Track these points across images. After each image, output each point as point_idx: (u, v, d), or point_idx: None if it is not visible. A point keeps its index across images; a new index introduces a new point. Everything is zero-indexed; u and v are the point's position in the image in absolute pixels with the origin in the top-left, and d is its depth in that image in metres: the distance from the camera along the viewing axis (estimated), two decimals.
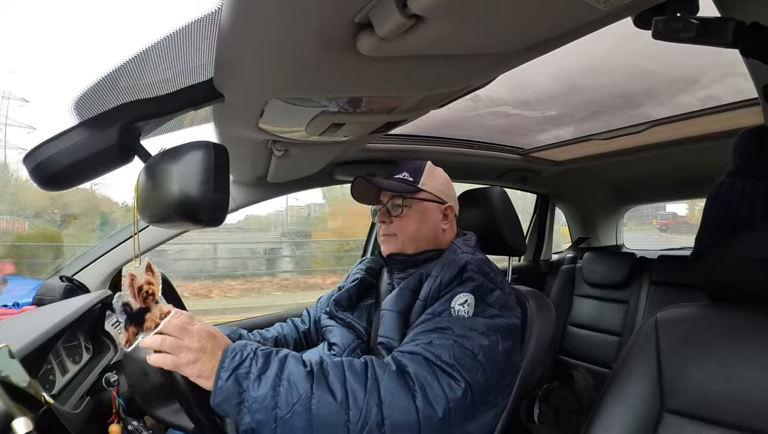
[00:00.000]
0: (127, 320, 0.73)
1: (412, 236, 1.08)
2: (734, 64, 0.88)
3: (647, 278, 2.23)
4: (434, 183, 1.13)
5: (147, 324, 0.73)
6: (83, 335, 1.03)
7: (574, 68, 1.12)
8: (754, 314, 0.66)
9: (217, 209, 0.51)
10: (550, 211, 2.65)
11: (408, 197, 1.09)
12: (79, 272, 1.31)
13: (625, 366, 0.73)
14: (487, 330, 0.86)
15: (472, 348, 0.83)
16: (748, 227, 0.65)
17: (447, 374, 0.79)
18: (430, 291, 0.95)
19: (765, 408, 0.59)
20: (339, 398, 0.73)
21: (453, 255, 1.01)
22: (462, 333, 0.84)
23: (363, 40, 0.50)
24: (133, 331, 0.73)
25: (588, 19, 0.52)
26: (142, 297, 0.74)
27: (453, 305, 0.89)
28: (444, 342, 0.82)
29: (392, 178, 1.12)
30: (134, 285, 0.73)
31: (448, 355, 0.80)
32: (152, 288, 0.75)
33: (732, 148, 0.71)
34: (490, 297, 0.92)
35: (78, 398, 0.89)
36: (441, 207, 1.12)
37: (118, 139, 0.65)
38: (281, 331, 1.27)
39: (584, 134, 1.70)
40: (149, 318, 0.74)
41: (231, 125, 0.89)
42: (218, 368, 0.72)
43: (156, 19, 2.78)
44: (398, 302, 1.00)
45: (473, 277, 0.93)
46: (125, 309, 0.73)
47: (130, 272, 0.74)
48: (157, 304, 0.75)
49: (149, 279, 0.75)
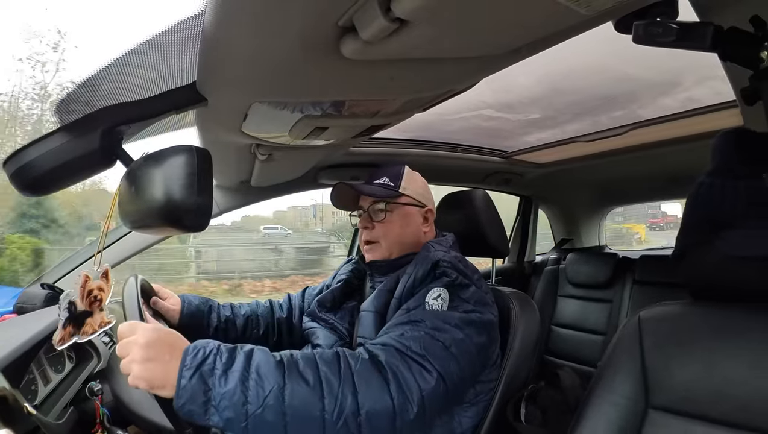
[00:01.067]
0: (67, 319, 0.71)
1: (396, 240, 1.09)
2: (713, 67, 0.90)
3: (630, 278, 2.27)
4: (414, 186, 1.13)
5: (85, 328, 0.72)
6: None
7: (557, 71, 1.13)
8: (736, 311, 0.68)
9: (200, 214, 0.50)
10: (533, 213, 2.68)
11: (390, 202, 1.09)
12: (61, 279, 1.29)
13: (610, 365, 0.74)
14: (460, 324, 0.86)
15: (444, 340, 0.82)
16: (728, 226, 0.67)
17: (418, 364, 0.77)
18: (405, 288, 0.96)
19: (750, 402, 0.61)
20: (312, 385, 0.69)
21: (426, 253, 1.02)
22: (434, 325, 0.84)
23: (347, 44, 0.50)
24: (70, 331, 0.71)
25: (570, 23, 0.53)
26: (89, 301, 0.73)
27: (427, 299, 0.89)
28: (415, 334, 0.82)
29: (372, 182, 1.12)
30: (86, 286, 0.72)
31: (418, 346, 0.79)
32: (101, 295, 0.74)
33: (711, 148, 0.72)
34: (465, 292, 0.92)
35: (61, 408, 0.87)
36: (422, 210, 1.13)
37: (100, 143, 0.64)
38: (255, 310, 1.25)
39: (567, 136, 1.72)
40: (89, 323, 0.73)
41: (214, 129, 0.88)
42: (180, 367, 0.66)
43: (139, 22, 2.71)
44: (376, 303, 1.00)
45: (447, 273, 0.93)
46: (69, 308, 0.71)
47: (85, 272, 0.73)
48: (101, 312, 0.74)
49: (101, 286, 0.74)
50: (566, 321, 2.43)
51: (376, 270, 1.12)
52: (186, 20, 0.55)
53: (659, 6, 0.59)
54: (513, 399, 0.99)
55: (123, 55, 0.62)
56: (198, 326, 1.12)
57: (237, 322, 1.19)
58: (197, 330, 1.11)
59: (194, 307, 1.13)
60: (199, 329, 1.12)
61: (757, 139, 0.69)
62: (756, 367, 0.61)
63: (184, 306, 1.12)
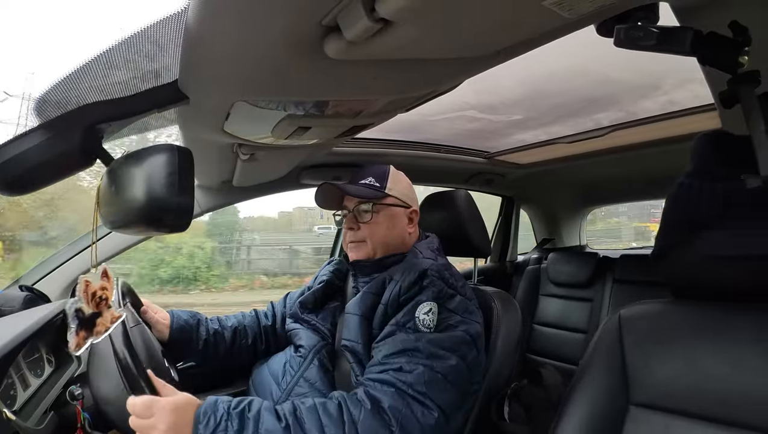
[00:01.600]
0: (78, 325, 0.72)
1: (382, 241, 1.09)
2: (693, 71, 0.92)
3: (610, 277, 2.30)
4: (399, 187, 1.13)
5: (98, 328, 0.73)
6: (45, 347, 0.99)
7: (539, 73, 1.14)
8: (715, 310, 0.69)
9: (181, 214, 0.50)
10: (515, 213, 2.71)
11: (376, 203, 1.09)
12: (40, 281, 1.26)
13: (591, 363, 0.75)
14: (453, 346, 0.88)
15: (442, 370, 0.85)
16: (706, 226, 0.68)
17: (420, 403, 0.81)
18: (391, 295, 0.96)
19: (729, 397, 0.62)
20: None
21: (414, 259, 1.03)
22: (430, 354, 0.85)
23: (330, 43, 0.50)
24: (84, 336, 0.72)
25: (553, 26, 0.53)
26: (95, 303, 0.73)
27: (417, 315, 0.91)
28: (413, 368, 0.84)
29: (358, 182, 1.12)
30: (88, 290, 0.72)
31: (419, 383, 0.82)
32: (106, 294, 0.74)
33: (691, 150, 0.74)
34: (451, 302, 0.94)
35: (41, 413, 0.85)
36: (407, 211, 1.13)
37: (80, 141, 0.63)
38: (242, 321, 1.25)
39: (549, 138, 1.74)
40: (100, 322, 0.73)
41: (196, 128, 0.87)
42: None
43: (120, 18, 2.67)
44: (361, 306, 1.00)
45: (434, 283, 0.95)
46: (77, 315, 0.72)
47: (85, 278, 0.73)
48: (109, 309, 0.75)
49: (104, 285, 0.75)
50: (548, 320, 2.46)
51: (360, 271, 1.12)
52: (169, 17, 0.54)
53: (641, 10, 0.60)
54: (496, 398, 1.00)
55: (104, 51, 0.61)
56: (188, 340, 1.13)
57: (225, 335, 1.19)
58: (187, 345, 1.12)
59: (183, 322, 1.13)
60: (188, 343, 1.13)
61: (734, 142, 0.70)
62: (735, 364, 0.63)
63: (173, 320, 1.12)
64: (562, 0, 0.45)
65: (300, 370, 1.04)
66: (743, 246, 0.65)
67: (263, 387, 1.08)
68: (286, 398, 1.00)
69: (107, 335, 0.74)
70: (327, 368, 1.04)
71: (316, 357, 1.05)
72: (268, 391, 1.05)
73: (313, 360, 1.05)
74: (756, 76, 0.59)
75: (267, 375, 1.10)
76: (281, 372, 1.06)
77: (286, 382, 1.03)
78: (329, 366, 1.05)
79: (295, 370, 1.04)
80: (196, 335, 1.14)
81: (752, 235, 0.65)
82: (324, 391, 0.99)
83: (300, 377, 1.03)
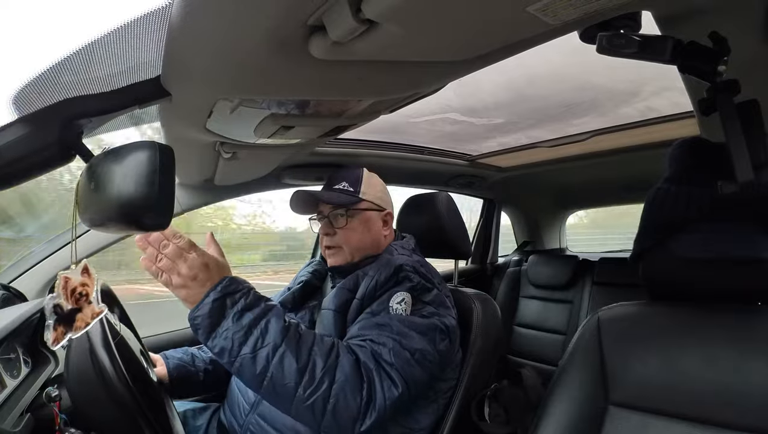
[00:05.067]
0: (56, 320, 0.70)
1: (358, 246, 1.09)
2: (672, 78, 0.94)
3: (589, 279, 2.35)
4: (373, 191, 1.14)
5: (77, 324, 0.71)
6: (21, 347, 0.96)
7: (522, 78, 1.15)
8: (692, 310, 0.71)
9: (161, 212, 0.49)
10: (496, 216, 2.73)
11: (350, 208, 1.09)
12: (16, 279, 1.22)
13: (571, 363, 0.77)
14: (424, 330, 0.89)
15: (410, 348, 0.86)
16: (683, 230, 0.70)
17: (387, 374, 0.82)
18: (367, 290, 0.97)
19: (703, 396, 0.64)
20: (301, 358, 0.77)
21: (389, 256, 1.04)
22: (400, 331, 0.87)
23: (315, 43, 0.50)
24: (62, 331, 0.71)
25: (537, 32, 0.54)
26: (75, 299, 0.72)
27: (391, 304, 0.92)
28: (384, 340, 0.86)
29: (332, 188, 1.12)
30: (68, 286, 0.71)
31: (388, 354, 0.84)
32: (86, 289, 0.73)
33: (669, 156, 0.76)
34: (427, 295, 0.95)
35: (17, 415, 0.83)
36: (381, 214, 1.14)
37: (59, 136, 0.62)
38: None
39: (530, 141, 1.76)
40: (80, 318, 0.72)
41: (178, 125, 0.86)
42: (210, 287, 0.77)
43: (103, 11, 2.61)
44: (335, 301, 1.01)
45: (409, 277, 0.96)
46: (56, 310, 0.70)
47: (64, 274, 0.71)
48: (89, 304, 0.73)
49: (84, 281, 0.73)
50: (528, 322, 2.49)
51: (338, 274, 1.13)
52: (153, 12, 0.54)
53: (623, 19, 0.61)
54: (476, 398, 1.01)
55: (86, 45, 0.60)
56: (187, 376, 1.12)
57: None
58: (188, 380, 1.11)
59: (177, 360, 1.12)
60: (189, 379, 1.12)
61: (711, 148, 0.72)
62: (709, 364, 0.65)
63: (168, 362, 1.11)
64: (546, 6, 0.46)
65: None
66: (717, 249, 0.67)
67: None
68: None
69: (86, 331, 0.73)
70: None
71: None
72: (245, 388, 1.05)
73: None
74: (734, 85, 0.60)
75: None
76: None
77: None
78: None
79: None
80: (194, 368, 1.13)
81: (716, 240, 0.67)
82: None
83: None
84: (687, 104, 1.01)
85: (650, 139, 1.58)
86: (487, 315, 1.09)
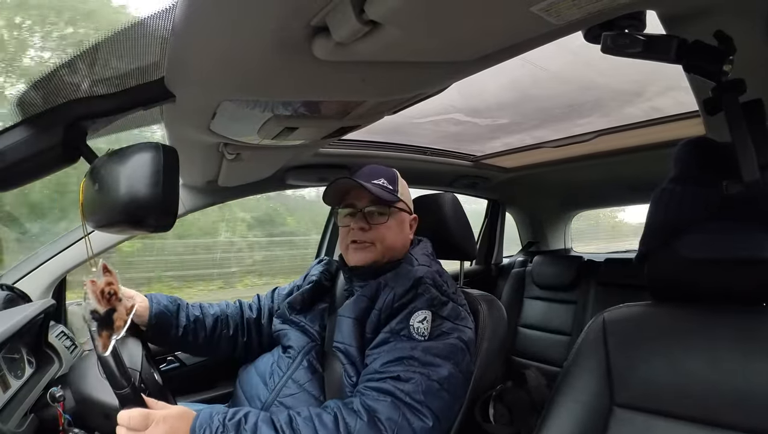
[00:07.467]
0: (98, 326, 0.71)
1: (391, 245, 1.06)
2: (677, 78, 0.93)
3: (594, 280, 2.33)
4: (406, 193, 1.13)
5: (117, 324, 0.73)
6: (25, 348, 0.97)
7: (526, 78, 1.14)
8: (696, 311, 0.71)
9: (165, 213, 0.49)
10: (501, 216, 2.72)
11: (393, 205, 1.07)
12: (21, 280, 1.23)
13: (575, 364, 0.76)
14: (447, 354, 0.89)
15: (438, 378, 0.85)
16: (688, 230, 0.69)
17: (416, 411, 0.81)
18: (385, 302, 0.96)
19: (708, 397, 0.64)
20: None
21: (409, 266, 1.03)
22: (425, 362, 0.86)
23: (319, 44, 0.50)
24: (107, 335, 0.71)
25: (540, 32, 0.54)
26: (106, 299, 0.73)
27: (412, 323, 0.91)
28: (411, 377, 0.84)
29: (371, 182, 1.08)
30: (96, 290, 0.72)
31: (417, 392, 0.83)
32: (113, 288, 0.74)
33: (674, 156, 0.75)
34: (444, 309, 0.94)
35: (21, 416, 0.83)
36: (410, 218, 1.13)
37: (63, 138, 0.62)
38: (224, 310, 1.22)
39: (534, 142, 1.75)
40: (117, 317, 0.73)
41: (182, 127, 0.86)
42: None
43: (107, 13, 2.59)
44: (355, 309, 1.00)
45: (428, 290, 0.95)
46: (94, 316, 0.71)
47: (90, 279, 0.73)
48: (120, 302, 0.75)
49: (109, 280, 0.74)
50: (532, 322, 2.48)
51: (356, 276, 1.09)
52: (156, 14, 0.54)
53: (627, 18, 0.61)
54: (481, 399, 1.01)
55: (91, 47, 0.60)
56: (167, 326, 1.09)
57: (206, 322, 1.16)
58: (166, 331, 1.08)
59: (162, 307, 1.09)
60: (168, 329, 1.09)
61: (717, 148, 0.72)
62: (713, 363, 0.65)
63: (153, 305, 1.08)
64: (550, 6, 0.46)
65: (288, 371, 1.03)
66: (722, 250, 0.67)
67: (250, 387, 1.07)
68: (274, 399, 0.99)
69: (127, 327, 0.74)
70: (315, 369, 1.03)
71: (306, 358, 1.04)
72: (255, 392, 1.04)
73: (302, 362, 1.04)
74: (740, 84, 0.60)
75: (254, 376, 1.09)
76: (269, 372, 1.05)
77: (274, 382, 1.02)
78: (318, 367, 1.04)
79: (283, 371, 1.03)
80: (176, 321, 1.10)
81: (722, 240, 0.66)
82: (313, 392, 0.99)
83: (288, 378, 1.02)
84: (692, 104, 1.00)
85: (655, 139, 1.58)
86: (493, 316, 1.08)
